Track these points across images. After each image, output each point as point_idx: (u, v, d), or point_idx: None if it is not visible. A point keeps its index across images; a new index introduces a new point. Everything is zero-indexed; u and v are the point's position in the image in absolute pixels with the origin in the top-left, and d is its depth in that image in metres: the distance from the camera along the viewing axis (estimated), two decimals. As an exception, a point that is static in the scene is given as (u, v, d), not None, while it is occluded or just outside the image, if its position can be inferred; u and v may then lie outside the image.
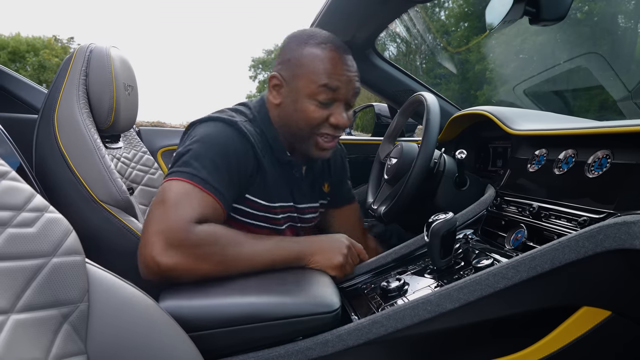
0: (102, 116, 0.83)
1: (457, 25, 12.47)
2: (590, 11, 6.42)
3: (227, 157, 0.73)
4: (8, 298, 0.39)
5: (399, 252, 0.81)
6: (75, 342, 0.43)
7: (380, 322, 0.58)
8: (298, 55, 0.79)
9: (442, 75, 10.21)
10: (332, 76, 0.77)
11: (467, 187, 0.97)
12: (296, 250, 0.72)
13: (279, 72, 0.81)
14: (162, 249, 0.62)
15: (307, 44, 0.79)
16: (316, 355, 0.60)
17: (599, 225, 0.49)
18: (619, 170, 0.60)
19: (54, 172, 0.75)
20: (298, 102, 0.79)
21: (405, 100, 1.12)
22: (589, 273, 0.52)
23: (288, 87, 0.80)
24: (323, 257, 0.73)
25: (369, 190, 1.18)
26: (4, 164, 0.46)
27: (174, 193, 0.67)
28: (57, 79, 0.81)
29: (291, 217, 0.88)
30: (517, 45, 8.06)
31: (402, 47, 9.59)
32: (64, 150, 0.75)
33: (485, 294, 0.54)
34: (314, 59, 0.78)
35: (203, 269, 0.64)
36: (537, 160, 0.79)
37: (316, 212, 0.97)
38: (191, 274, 0.64)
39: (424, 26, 2.77)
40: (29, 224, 0.44)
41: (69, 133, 0.76)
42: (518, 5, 0.66)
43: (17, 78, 1.42)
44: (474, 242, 0.79)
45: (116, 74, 0.84)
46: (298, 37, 0.81)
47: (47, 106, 0.79)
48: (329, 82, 0.77)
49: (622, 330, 0.54)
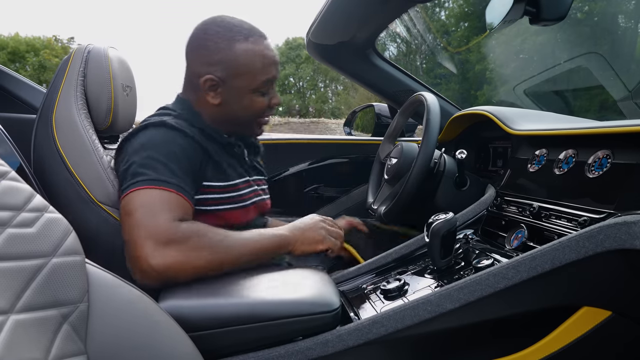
0: (100, 117, 0.83)
1: (457, 25, 12.48)
2: (590, 11, 6.42)
3: (172, 154, 0.73)
4: (8, 298, 0.39)
5: (399, 252, 0.81)
6: (75, 343, 0.43)
7: (381, 322, 0.58)
8: (232, 54, 0.78)
9: (442, 75, 10.21)
10: (270, 67, 0.80)
11: (467, 187, 0.97)
12: (278, 236, 0.74)
13: (213, 74, 0.78)
14: (152, 251, 0.62)
15: (235, 40, 0.78)
16: (316, 355, 0.59)
17: (600, 225, 0.49)
18: (620, 170, 0.60)
19: (52, 173, 0.74)
20: (244, 99, 0.81)
21: (406, 100, 1.12)
22: (590, 273, 0.52)
23: (227, 87, 0.80)
24: (305, 237, 0.76)
25: (369, 190, 1.18)
26: (3, 164, 0.46)
27: (142, 200, 0.67)
28: (55, 80, 0.81)
29: (255, 192, 0.89)
30: (517, 46, 8.05)
31: (402, 47, 9.59)
32: (62, 151, 0.74)
33: (486, 294, 0.54)
34: (250, 56, 0.78)
35: (197, 263, 0.64)
36: (537, 160, 0.79)
37: (267, 185, 0.99)
38: (186, 271, 0.64)
39: (424, 26, 2.77)
40: (29, 224, 0.44)
41: (67, 134, 0.76)
42: (518, 5, 0.66)
43: (17, 78, 1.42)
44: (474, 242, 0.79)
45: (114, 74, 0.84)
46: (221, 35, 0.78)
47: (45, 107, 0.79)
48: (270, 75, 0.80)
49: (622, 330, 0.54)
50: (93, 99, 0.82)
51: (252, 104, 0.82)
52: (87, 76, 0.82)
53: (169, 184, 0.69)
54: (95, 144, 0.77)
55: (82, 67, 0.82)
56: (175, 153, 0.73)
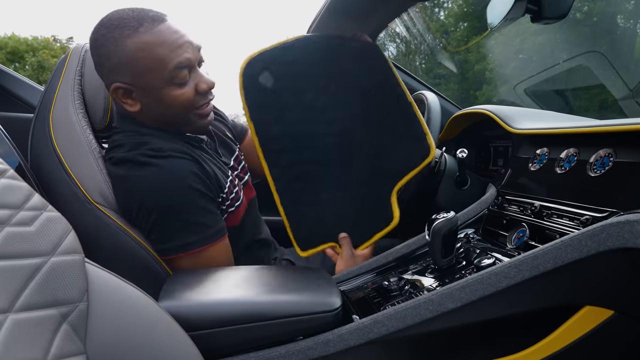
0: (98, 117, 0.82)
1: (456, 25, 12.47)
2: (589, 11, 6.42)
3: (188, 200, 0.72)
4: (6, 297, 0.38)
5: (400, 252, 0.81)
6: (74, 342, 0.43)
7: (382, 322, 0.58)
8: (126, 54, 0.69)
9: (441, 75, 10.20)
10: (176, 53, 0.70)
11: (468, 186, 0.96)
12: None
13: (117, 81, 0.71)
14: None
15: (124, 37, 0.68)
16: (317, 355, 0.59)
17: (602, 224, 0.49)
18: (622, 169, 0.59)
19: (49, 172, 0.74)
20: (161, 95, 0.72)
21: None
22: (592, 272, 0.51)
23: (139, 89, 0.72)
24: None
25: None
26: (2, 162, 0.45)
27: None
28: (52, 79, 0.81)
29: (239, 187, 0.87)
30: (516, 45, 8.05)
31: (401, 47, 9.58)
32: (59, 150, 0.74)
33: (487, 294, 0.54)
34: (145, 48, 0.69)
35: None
36: (538, 159, 0.79)
37: (242, 161, 0.96)
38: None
39: (423, 26, 2.77)
40: (28, 223, 0.43)
41: (64, 133, 0.75)
42: (519, 3, 0.65)
43: (16, 77, 1.41)
44: (476, 241, 0.78)
45: (112, 74, 0.84)
46: (109, 37, 0.69)
47: (43, 106, 0.78)
48: (178, 61, 0.70)
49: (625, 330, 0.53)
50: (90, 98, 0.82)
51: (173, 99, 0.73)
52: (85, 75, 0.82)
53: (202, 241, 0.73)
54: (92, 144, 0.76)
55: (79, 66, 0.82)
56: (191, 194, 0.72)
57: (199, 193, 0.73)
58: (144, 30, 0.69)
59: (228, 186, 0.82)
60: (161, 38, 0.69)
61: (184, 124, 0.78)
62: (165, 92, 0.72)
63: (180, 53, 0.70)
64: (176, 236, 0.72)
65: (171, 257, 0.73)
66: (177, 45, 0.70)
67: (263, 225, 1.03)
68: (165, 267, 0.74)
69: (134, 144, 0.74)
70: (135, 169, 0.71)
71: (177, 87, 0.73)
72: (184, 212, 0.72)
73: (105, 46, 0.70)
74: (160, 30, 0.69)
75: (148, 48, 0.69)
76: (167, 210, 0.71)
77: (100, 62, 0.72)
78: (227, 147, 0.94)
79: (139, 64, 0.70)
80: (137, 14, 0.70)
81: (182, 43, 0.71)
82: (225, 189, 0.81)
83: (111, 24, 0.70)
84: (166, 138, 0.77)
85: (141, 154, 0.72)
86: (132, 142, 0.75)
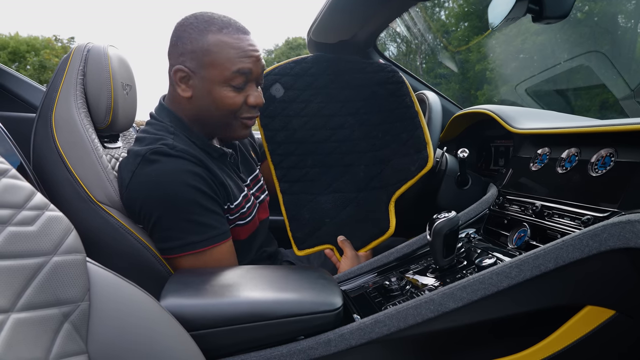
0: (100, 116, 0.83)
1: (457, 25, 12.46)
2: (590, 11, 6.41)
3: (192, 200, 0.73)
4: (8, 297, 0.39)
5: (401, 251, 0.81)
6: (76, 342, 0.43)
7: (383, 322, 0.58)
8: (203, 44, 0.75)
9: (442, 74, 10.20)
10: (243, 60, 0.77)
11: (469, 186, 0.96)
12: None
13: (183, 65, 0.77)
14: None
15: (208, 31, 0.76)
16: (318, 355, 0.59)
17: (603, 224, 0.49)
18: (623, 169, 0.59)
19: (51, 172, 0.74)
20: (213, 91, 0.77)
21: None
22: (593, 272, 0.51)
23: (197, 78, 0.77)
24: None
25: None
26: (4, 162, 0.45)
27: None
28: (55, 79, 0.81)
29: (253, 204, 0.89)
30: (517, 45, 8.05)
31: (402, 47, 9.58)
32: (62, 150, 0.74)
33: (489, 293, 0.54)
34: (221, 46, 0.76)
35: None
36: (539, 159, 0.79)
37: (260, 180, 0.99)
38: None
39: (424, 25, 2.77)
40: (30, 223, 0.43)
41: (67, 133, 0.75)
42: (521, 3, 0.65)
43: (18, 77, 1.41)
44: (477, 241, 0.78)
45: (114, 73, 0.84)
46: (195, 26, 0.77)
47: (45, 106, 0.78)
48: (241, 67, 0.76)
49: (626, 330, 0.53)
50: (93, 97, 0.82)
51: (223, 98, 0.78)
52: (87, 75, 0.82)
53: (206, 241, 0.73)
54: (94, 143, 0.76)
55: (81, 65, 0.82)
56: (197, 197, 0.73)
57: (203, 194, 0.74)
58: (226, 32, 0.76)
59: (239, 200, 0.83)
60: (237, 44, 0.77)
61: (224, 125, 0.82)
62: (218, 89, 0.77)
63: (246, 61, 0.77)
64: (179, 235, 0.72)
65: (173, 256, 0.73)
66: (246, 55, 0.77)
67: (272, 242, 1.04)
68: (167, 266, 0.74)
69: (152, 139, 0.77)
70: (142, 166, 0.73)
71: (230, 90, 0.78)
72: (187, 212, 0.72)
73: (188, 32, 0.76)
74: (240, 38, 0.77)
75: (223, 47, 0.76)
76: (169, 208, 0.72)
77: (177, 43, 0.78)
78: (248, 165, 0.97)
79: (209, 57, 0.76)
80: (227, 19, 0.78)
81: (251, 55, 0.78)
82: (235, 202, 0.82)
83: (202, 18, 0.77)
84: (186, 142, 0.78)
85: (153, 151, 0.73)
86: (152, 137, 0.77)
